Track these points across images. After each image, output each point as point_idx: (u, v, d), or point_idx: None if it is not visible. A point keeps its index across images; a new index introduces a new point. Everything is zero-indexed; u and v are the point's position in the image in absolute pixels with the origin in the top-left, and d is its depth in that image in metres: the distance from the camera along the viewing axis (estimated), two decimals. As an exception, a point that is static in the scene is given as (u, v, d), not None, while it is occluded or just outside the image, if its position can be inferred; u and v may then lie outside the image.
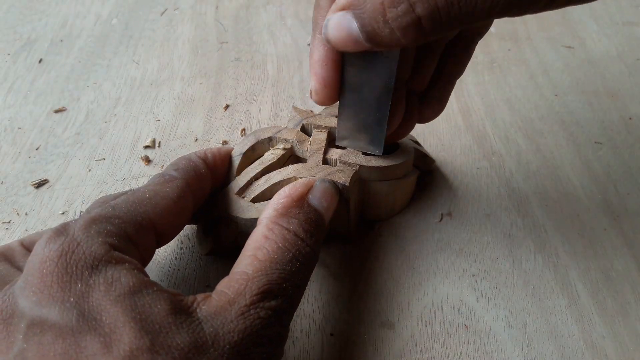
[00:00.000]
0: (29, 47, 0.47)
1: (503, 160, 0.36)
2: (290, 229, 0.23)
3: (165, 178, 0.25)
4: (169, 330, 0.19)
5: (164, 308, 0.19)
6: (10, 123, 0.40)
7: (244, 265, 0.22)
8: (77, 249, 0.20)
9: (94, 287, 0.19)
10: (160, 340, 0.18)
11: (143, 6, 0.53)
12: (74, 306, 0.18)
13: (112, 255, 0.20)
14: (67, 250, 0.20)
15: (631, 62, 0.43)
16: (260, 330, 0.20)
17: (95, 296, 0.19)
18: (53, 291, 0.19)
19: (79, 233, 0.20)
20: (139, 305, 0.19)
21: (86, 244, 0.20)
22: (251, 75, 0.44)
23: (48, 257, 0.19)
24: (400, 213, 0.33)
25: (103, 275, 0.19)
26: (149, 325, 0.18)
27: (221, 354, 0.19)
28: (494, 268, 0.30)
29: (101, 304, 0.19)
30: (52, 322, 0.18)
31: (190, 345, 0.18)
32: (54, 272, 0.19)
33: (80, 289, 0.19)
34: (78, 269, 0.19)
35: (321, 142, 0.29)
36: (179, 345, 0.18)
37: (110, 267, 0.20)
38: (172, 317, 0.19)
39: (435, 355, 0.26)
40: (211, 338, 0.19)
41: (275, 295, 0.21)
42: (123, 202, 0.23)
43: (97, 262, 0.20)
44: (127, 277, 0.19)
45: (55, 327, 0.18)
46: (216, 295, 0.21)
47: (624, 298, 0.28)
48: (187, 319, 0.19)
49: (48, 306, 0.19)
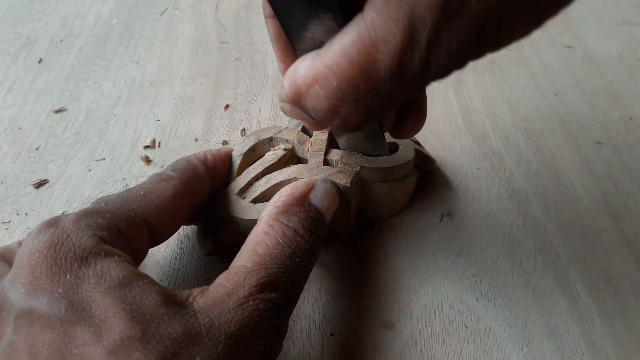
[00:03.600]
0: (29, 47, 0.47)
1: (503, 160, 0.36)
2: (290, 226, 0.23)
3: (162, 177, 0.26)
4: (161, 320, 0.18)
5: (156, 299, 0.19)
6: (10, 123, 0.40)
7: (243, 259, 0.22)
8: (67, 240, 0.20)
9: (84, 279, 0.19)
10: (152, 329, 0.18)
11: (143, 6, 0.53)
12: (63, 297, 0.18)
13: (102, 247, 0.20)
14: (56, 242, 0.20)
15: (631, 62, 0.43)
16: (259, 321, 0.20)
17: (84, 287, 0.19)
18: (42, 282, 0.19)
19: (69, 225, 0.20)
20: (129, 297, 0.19)
21: (76, 236, 0.20)
22: (251, 75, 0.44)
23: (37, 248, 0.19)
24: (400, 213, 0.33)
25: (92, 268, 0.19)
26: (140, 316, 0.18)
27: (216, 344, 0.19)
28: (494, 268, 0.30)
29: (91, 295, 0.18)
30: (40, 312, 0.18)
31: (182, 334, 0.18)
32: (43, 264, 0.19)
33: (69, 280, 0.19)
34: (67, 260, 0.19)
35: (322, 142, 0.29)
36: (171, 334, 0.18)
37: (100, 259, 0.20)
38: (164, 308, 0.19)
39: (435, 355, 0.26)
40: (205, 328, 0.19)
41: (274, 287, 0.21)
42: (116, 198, 0.23)
43: (86, 254, 0.20)
44: (116, 270, 0.19)
45: (44, 318, 0.18)
46: (214, 287, 0.21)
47: (624, 298, 0.28)
48: (180, 310, 0.19)
49: (36, 297, 0.18)
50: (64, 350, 0.18)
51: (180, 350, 0.18)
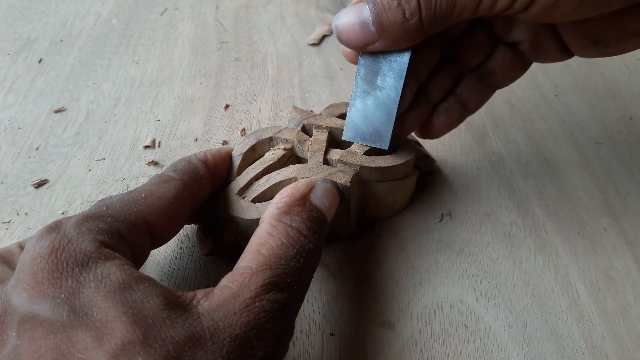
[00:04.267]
0: (29, 47, 0.47)
1: (503, 160, 0.36)
2: (294, 226, 0.23)
3: (163, 179, 0.26)
4: (163, 324, 0.18)
5: (157, 303, 0.19)
6: (10, 123, 0.40)
7: (247, 260, 0.22)
8: (68, 245, 0.20)
9: (84, 284, 0.19)
10: (154, 333, 0.18)
11: (143, 6, 0.53)
12: (64, 302, 0.18)
13: (103, 252, 0.20)
14: (57, 247, 0.20)
15: (631, 62, 0.43)
16: (265, 323, 0.20)
17: (85, 292, 0.19)
18: (44, 287, 0.19)
19: (70, 230, 0.20)
20: (130, 300, 0.19)
21: (77, 241, 0.20)
22: (251, 75, 0.44)
23: (39, 253, 0.20)
24: (400, 213, 0.33)
25: (93, 272, 0.19)
26: (141, 319, 0.18)
27: (220, 347, 0.18)
28: (494, 268, 0.30)
29: (92, 300, 0.19)
30: (43, 317, 0.18)
31: (185, 338, 0.18)
32: (45, 269, 0.19)
33: (71, 286, 0.19)
34: (69, 265, 0.19)
35: (322, 142, 0.29)
36: (174, 338, 0.18)
37: (100, 263, 0.20)
38: (167, 311, 0.19)
39: (435, 355, 0.26)
40: (209, 331, 0.19)
41: (280, 288, 0.21)
42: (117, 201, 0.23)
43: (87, 259, 0.20)
44: (116, 274, 0.19)
45: (47, 323, 0.18)
46: (219, 289, 0.21)
47: (624, 298, 0.28)
48: (183, 313, 0.19)
49: (39, 302, 0.19)
50: (67, 355, 0.18)
51: (183, 354, 0.18)
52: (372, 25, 0.23)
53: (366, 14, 0.23)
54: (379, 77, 0.26)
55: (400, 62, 0.26)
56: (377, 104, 0.27)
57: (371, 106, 0.27)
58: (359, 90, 0.27)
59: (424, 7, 0.22)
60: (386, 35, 0.24)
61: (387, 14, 0.23)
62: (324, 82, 0.43)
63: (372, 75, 0.27)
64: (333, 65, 0.45)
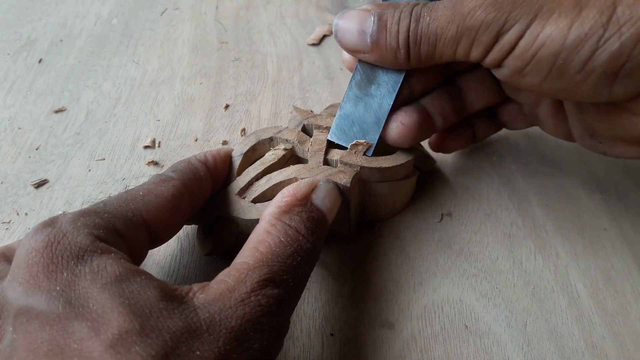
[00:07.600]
0: (29, 47, 0.47)
1: (503, 160, 0.36)
2: (292, 226, 0.24)
3: (162, 178, 0.26)
4: (160, 314, 0.18)
5: (154, 294, 0.19)
6: (10, 123, 0.40)
7: (245, 257, 0.22)
8: (63, 239, 0.20)
9: (80, 276, 0.19)
10: (151, 323, 0.18)
11: (143, 6, 0.53)
12: (60, 294, 0.18)
13: (98, 245, 0.20)
14: (52, 241, 0.20)
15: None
16: (261, 317, 0.20)
17: (81, 284, 0.19)
18: (39, 281, 0.19)
19: (65, 225, 0.21)
20: (127, 292, 0.19)
21: (72, 235, 0.20)
22: (251, 75, 0.44)
23: (34, 247, 0.20)
24: (400, 213, 0.33)
25: (89, 265, 0.19)
26: (138, 310, 0.18)
27: (216, 338, 0.19)
28: (494, 268, 0.30)
29: (88, 292, 0.19)
30: (38, 310, 0.18)
31: (182, 329, 0.18)
32: (40, 262, 0.19)
33: (66, 278, 0.19)
34: (64, 258, 0.19)
35: (322, 142, 0.29)
36: (170, 329, 0.18)
37: (96, 256, 0.20)
38: (163, 303, 0.19)
39: (435, 355, 0.26)
40: (206, 323, 0.19)
41: (276, 284, 0.21)
42: (115, 199, 0.23)
43: (82, 252, 0.20)
44: (113, 266, 0.19)
45: (42, 315, 0.18)
46: (215, 283, 0.21)
47: (624, 298, 0.28)
48: (179, 305, 0.19)
49: (34, 295, 0.19)
50: (62, 346, 0.18)
51: (179, 344, 0.18)
52: (369, 38, 0.25)
53: (368, 25, 0.25)
54: (373, 85, 0.28)
55: (396, 76, 0.27)
56: (367, 110, 0.28)
57: (361, 111, 0.28)
58: (351, 94, 0.28)
59: (412, 44, 0.24)
60: (378, 52, 0.25)
61: (386, 36, 0.25)
62: (324, 82, 0.43)
63: (367, 83, 0.28)
64: (333, 65, 0.45)
